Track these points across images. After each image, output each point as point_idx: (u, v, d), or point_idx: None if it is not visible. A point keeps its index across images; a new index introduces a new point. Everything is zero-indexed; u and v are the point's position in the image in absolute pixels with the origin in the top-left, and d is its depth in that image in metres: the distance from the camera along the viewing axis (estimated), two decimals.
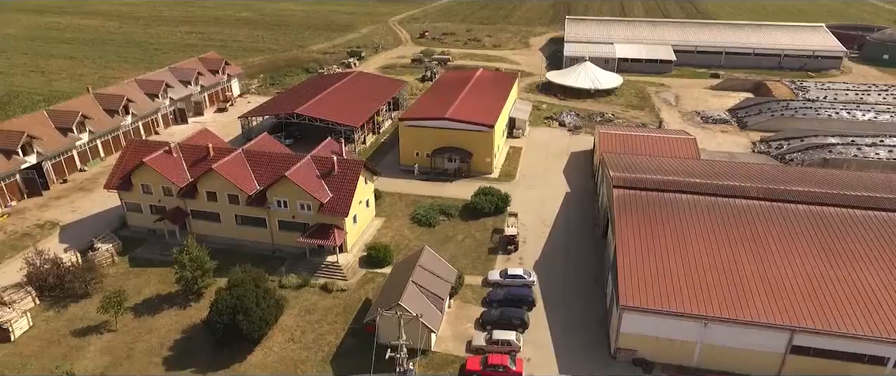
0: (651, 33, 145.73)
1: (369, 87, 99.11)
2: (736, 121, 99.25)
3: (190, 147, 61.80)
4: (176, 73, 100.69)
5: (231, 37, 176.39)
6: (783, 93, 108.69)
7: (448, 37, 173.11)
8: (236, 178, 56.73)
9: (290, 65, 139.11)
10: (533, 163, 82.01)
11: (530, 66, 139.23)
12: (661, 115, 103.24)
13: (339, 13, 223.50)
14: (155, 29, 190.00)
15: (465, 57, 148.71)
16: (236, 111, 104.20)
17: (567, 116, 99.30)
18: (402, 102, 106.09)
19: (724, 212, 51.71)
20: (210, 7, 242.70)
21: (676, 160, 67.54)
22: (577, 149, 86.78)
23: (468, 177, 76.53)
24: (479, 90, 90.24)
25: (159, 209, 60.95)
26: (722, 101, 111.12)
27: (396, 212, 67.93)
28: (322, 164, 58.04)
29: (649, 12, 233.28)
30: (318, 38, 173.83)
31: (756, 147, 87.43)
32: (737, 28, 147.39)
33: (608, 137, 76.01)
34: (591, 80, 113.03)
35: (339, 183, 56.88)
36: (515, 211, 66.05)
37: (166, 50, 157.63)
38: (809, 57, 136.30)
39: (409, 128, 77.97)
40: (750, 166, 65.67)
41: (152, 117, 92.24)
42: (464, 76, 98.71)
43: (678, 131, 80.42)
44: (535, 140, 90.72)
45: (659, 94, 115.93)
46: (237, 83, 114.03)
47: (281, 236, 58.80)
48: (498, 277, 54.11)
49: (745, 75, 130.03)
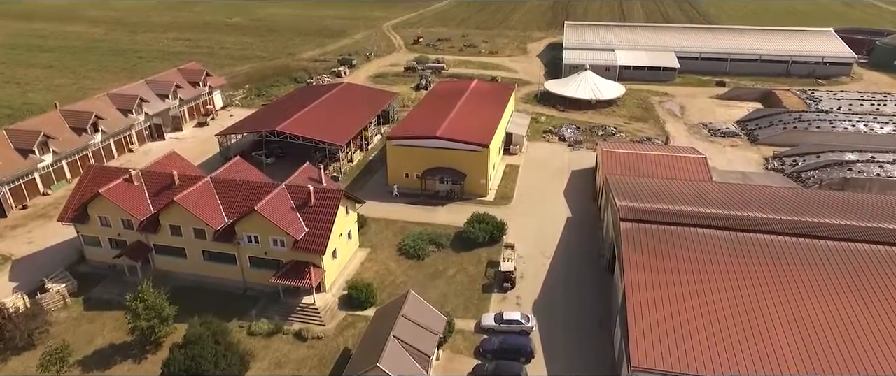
0: (653, 39, 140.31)
1: (357, 100, 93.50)
2: (745, 134, 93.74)
3: (153, 174, 56.08)
4: (152, 85, 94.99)
5: (218, 44, 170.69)
6: (794, 103, 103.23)
7: (443, 43, 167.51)
8: (202, 211, 51.06)
9: (278, 73, 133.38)
10: (531, 183, 76.43)
11: (528, 73, 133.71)
12: (665, 128, 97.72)
13: (333, 18, 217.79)
14: (141, 35, 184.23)
15: (460, 64, 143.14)
16: (218, 125, 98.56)
17: (567, 130, 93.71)
18: (393, 115, 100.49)
19: (747, 250, 46.12)
20: (200, 11, 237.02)
21: (687, 183, 62.00)
22: (578, 167, 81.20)
23: (461, 200, 70.97)
24: (473, 104, 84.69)
25: (120, 243, 55.26)
26: (729, 112, 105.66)
27: (383, 242, 62.27)
28: (297, 195, 52.39)
29: (649, 15, 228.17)
30: (309, 45, 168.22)
31: (769, 163, 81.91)
32: (742, 33, 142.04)
33: (611, 156, 70.48)
34: (591, 90, 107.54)
35: (315, 216, 51.23)
36: (512, 241, 60.40)
37: (150, 58, 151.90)
38: (818, 63, 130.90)
39: (398, 148, 72.34)
40: (768, 190, 60.11)
41: (125, 134, 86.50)
42: (458, 88, 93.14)
43: (687, 148, 74.92)
44: (533, 156, 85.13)
45: (663, 104, 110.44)
46: (220, 95, 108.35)
47: (253, 273, 53.15)
48: (492, 322, 48.49)
49: (751, 83, 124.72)
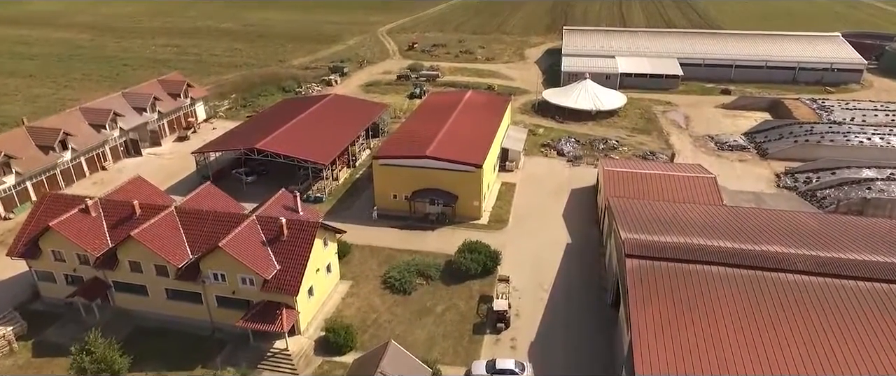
0: (655, 45, 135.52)
1: (345, 113, 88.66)
2: (754, 147, 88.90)
3: (113, 204, 51.17)
4: (129, 98, 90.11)
5: (208, 50, 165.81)
6: (804, 113, 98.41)
7: (438, 49, 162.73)
8: (162, 247, 46.18)
9: (267, 82, 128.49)
10: (528, 203, 71.58)
11: (525, 81, 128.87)
12: (670, 141, 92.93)
13: (327, 23, 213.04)
14: (128, 42, 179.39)
15: (455, 71, 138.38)
16: (199, 139, 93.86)
17: (566, 144, 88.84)
18: (383, 128, 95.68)
19: (767, 291, 41.26)
20: (192, 16, 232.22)
21: (697, 207, 57.19)
22: (579, 185, 76.35)
23: (453, 224, 66.14)
24: (467, 117, 79.87)
25: (76, 279, 50.43)
26: (736, 123, 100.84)
27: (367, 273, 57.38)
28: (269, 227, 47.53)
29: (650, 18, 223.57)
30: (301, 51, 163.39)
31: (781, 180, 77.08)
32: (747, 38, 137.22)
33: (614, 176, 65.67)
34: (591, 100, 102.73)
35: (288, 251, 46.38)
36: (507, 273, 55.53)
37: (136, 66, 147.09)
38: (826, 69, 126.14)
39: (384, 168, 67.49)
40: (785, 216, 55.20)
41: (98, 151, 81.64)
42: (451, 100, 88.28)
43: (695, 167, 70.09)
44: (530, 173, 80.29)
45: (666, 115, 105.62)
46: (202, 107, 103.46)
47: (221, 313, 48.29)
48: (483, 371, 43.61)
49: (758, 91, 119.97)
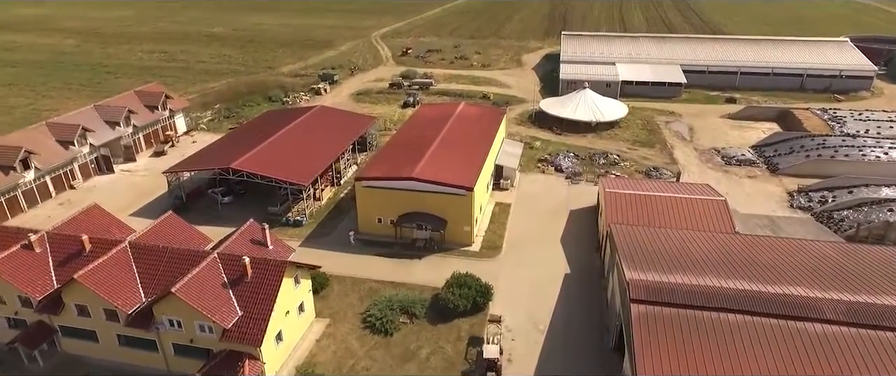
0: (657, 51, 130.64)
1: (330, 127, 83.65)
2: (764, 162, 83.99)
3: (61, 238, 46.09)
4: (101, 111, 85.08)
5: (195, 57, 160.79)
6: (815, 124, 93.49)
7: (433, 54, 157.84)
8: (110, 290, 41.14)
9: (253, 91, 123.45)
10: (523, 227, 66.54)
11: (522, 89, 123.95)
12: (674, 154, 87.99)
13: (320, 27, 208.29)
14: (115, 48, 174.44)
15: (450, 79, 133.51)
16: (178, 153, 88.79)
17: (564, 159, 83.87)
18: (372, 142, 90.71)
19: (791, 344, 36.22)
20: (182, 21, 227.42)
21: (707, 236, 52.23)
22: (578, 206, 71.35)
23: (442, 251, 61.13)
24: (458, 133, 74.88)
25: (18, 323, 45.42)
26: (743, 135, 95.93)
27: (345, 310, 52.33)
28: (231, 267, 42.50)
29: (650, 22, 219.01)
30: (291, 58, 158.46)
31: (794, 200, 72.11)
32: (752, 44, 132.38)
33: (616, 200, 60.68)
34: (591, 111, 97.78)
35: (252, 294, 41.35)
36: (499, 313, 50.49)
37: (119, 73, 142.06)
38: (835, 76, 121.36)
39: (368, 190, 62.49)
40: (804, 247, 50.20)
41: (66, 169, 76.61)
42: (442, 112, 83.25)
43: (703, 187, 65.03)
44: (526, 192, 75.29)
45: (670, 126, 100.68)
46: (182, 118, 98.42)
47: (178, 362, 43.26)
48: None
49: (765, 99, 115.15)
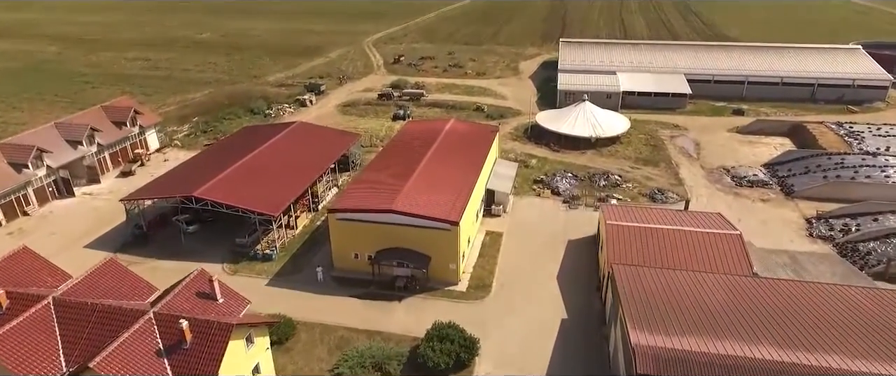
0: (659, 58, 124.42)
1: (309, 145, 77.48)
2: (777, 182, 77.80)
3: None
4: (62, 130, 78.99)
5: (179, 65, 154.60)
6: (830, 140, 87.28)
7: (426, 62, 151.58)
8: (22, 360, 34.86)
9: (235, 102, 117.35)
10: (516, 261, 60.28)
11: (518, 100, 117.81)
12: (680, 173, 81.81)
13: (312, 33, 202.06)
14: (98, 55, 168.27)
15: (443, 88, 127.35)
16: (148, 173, 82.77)
17: (562, 180, 77.62)
18: (355, 161, 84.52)
19: None
20: (170, 26, 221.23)
21: (722, 281, 46.00)
22: (576, 235, 65.11)
23: (425, 291, 54.89)
24: (445, 155, 68.69)
25: None
26: (754, 151, 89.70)
27: (311, 366, 46.01)
28: (169, 330, 36.23)
29: (651, 25, 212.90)
30: (279, 65, 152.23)
31: (813, 228, 65.88)
32: (759, 51, 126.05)
33: (618, 234, 54.41)
34: (591, 126, 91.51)
35: (192, 363, 35.04)
36: (485, 369, 44.27)
37: (98, 83, 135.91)
38: (848, 86, 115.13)
39: (342, 224, 56.28)
40: (834, 295, 43.96)
41: (19, 194, 70.40)
42: (429, 130, 77.06)
43: (714, 218, 58.63)
44: (520, 219, 69.03)
45: (674, 141, 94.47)
46: (155, 135, 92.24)
47: None
48: None
49: (774, 111, 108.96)
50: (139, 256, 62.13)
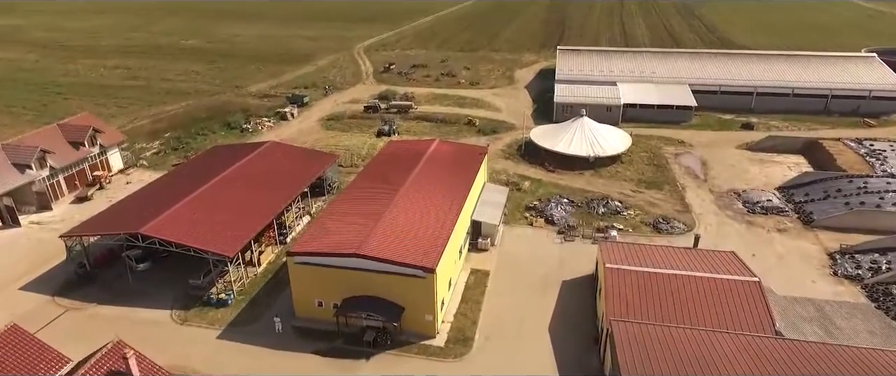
0: (662, 67, 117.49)
1: (280, 170, 70.62)
2: (793, 209, 70.78)
3: None
4: (9, 152, 72.16)
5: (160, 74, 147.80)
6: (850, 160, 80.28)
7: (418, 70, 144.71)
8: None
9: (212, 116, 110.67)
10: (503, 306, 53.29)
11: (512, 112, 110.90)
12: (686, 197, 74.85)
13: (302, 38, 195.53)
14: (77, 63, 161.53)
15: (433, 100, 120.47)
16: (107, 197, 76.16)
17: (556, 207, 70.64)
18: (332, 184, 77.65)
19: None
20: (157, 32, 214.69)
21: (740, 343, 39.14)
22: (572, 274, 58.14)
23: (398, 346, 47.97)
24: (427, 183, 61.74)
25: None
26: (766, 171, 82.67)
27: None
28: None
29: (652, 29, 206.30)
30: (264, 74, 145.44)
31: (837, 265, 58.78)
32: (769, 60, 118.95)
33: (618, 280, 47.49)
34: (589, 144, 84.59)
35: None
36: None
37: (71, 94, 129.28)
38: (863, 97, 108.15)
39: (303, 268, 49.37)
40: (875, 362, 37.15)
41: None
42: (410, 154, 70.05)
43: (727, 259, 51.51)
44: (509, 254, 62.02)
45: (679, 160, 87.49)
46: (118, 154, 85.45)
47: None
48: None
49: (786, 124, 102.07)
50: (80, 300, 55.30)
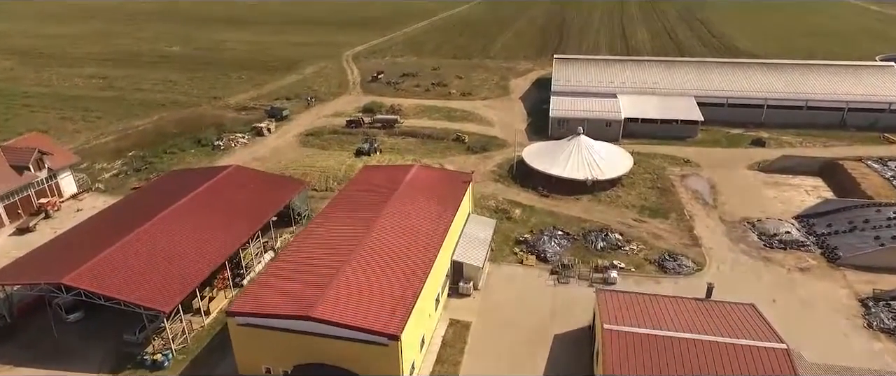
0: (666, 78, 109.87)
1: (240, 199, 63.03)
2: (815, 242, 63.15)
3: None
4: None
5: (135, 83, 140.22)
6: (875, 184, 72.72)
7: (407, 79, 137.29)
8: None
9: (184, 131, 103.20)
10: (485, 368, 45.64)
11: (505, 127, 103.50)
12: (694, 229, 67.19)
13: (290, 45, 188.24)
14: (52, 71, 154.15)
15: (421, 112, 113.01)
16: (52, 227, 68.69)
17: (550, 242, 62.99)
18: (301, 214, 70.03)
19: None
20: (142, 37, 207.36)
21: None
22: (566, 327, 50.47)
23: None
24: (402, 218, 54.09)
25: None
26: (782, 196, 75.07)
27: None
28: None
29: (654, 36, 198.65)
30: (246, 84, 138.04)
31: (871, 315, 51.18)
32: (779, 70, 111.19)
33: (619, 344, 39.93)
34: (586, 165, 77.09)
35: None
36: None
37: (39, 106, 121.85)
38: (882, 111, 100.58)
39: (247, 331, 41.76)
40: None
41: None
42: (385, 182, 62.24)
43: (748, 314, 43.78)
44: (495, 301, 54.31)
45: (686, 183, 79.89)
46: (71, 177, 77.95)
47: None
48: None
49: (799, 140, 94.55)
50: None
